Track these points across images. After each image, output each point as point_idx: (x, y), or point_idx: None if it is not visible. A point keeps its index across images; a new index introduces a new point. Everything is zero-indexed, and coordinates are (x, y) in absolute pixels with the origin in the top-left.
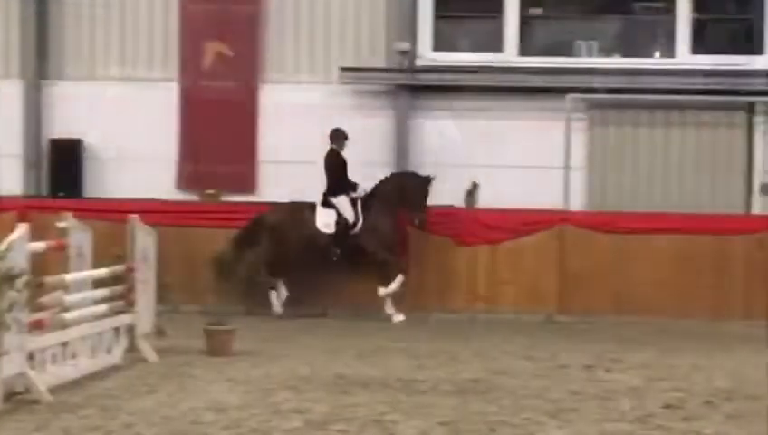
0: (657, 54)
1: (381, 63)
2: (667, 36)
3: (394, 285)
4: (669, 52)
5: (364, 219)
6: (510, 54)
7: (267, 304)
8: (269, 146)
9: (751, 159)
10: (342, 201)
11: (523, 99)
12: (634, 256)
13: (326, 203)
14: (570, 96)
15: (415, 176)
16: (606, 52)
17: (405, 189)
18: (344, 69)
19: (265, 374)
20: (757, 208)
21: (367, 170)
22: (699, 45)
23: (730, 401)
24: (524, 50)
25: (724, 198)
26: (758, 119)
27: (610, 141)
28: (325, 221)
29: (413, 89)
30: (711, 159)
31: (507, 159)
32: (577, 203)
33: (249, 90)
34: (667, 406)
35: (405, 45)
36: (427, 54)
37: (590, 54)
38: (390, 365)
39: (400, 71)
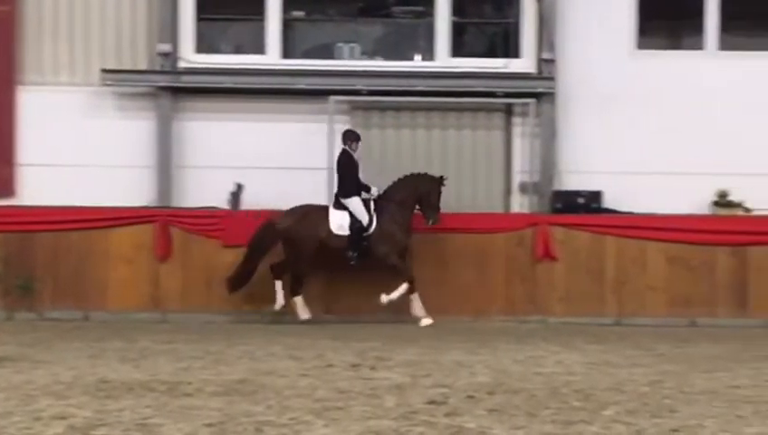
0: (418, 57)
1: (143, 65)
2: (427, 39)
3: (396, 294)
4: (429, 55)
5: (378, 222)
6: (272, 57)
7: (33, 307)
8: (29, 149)
9: (509, 160)
10: (355, 203)
11: (286, 101)
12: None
13: (338, 205)
14: (332, 98)
15: (429, 178)
16: (368, 54)
17: (420, 192)
18: (105, 71)
19: (27, 380)
20: (516, 207)
21: (132, 173)
22: (459, 48)
23: (492, 395)
24: (287, 52)
25: (484, 198)
26: (516, 120)
27: (373, 143)
28: (339, 223)
29: (175, 91)
30: (471, 160)
31: (271, 160)
32: None
33: (6, 92)
34: (431, 402)
35: (166, 47)
36: (189, 56)
37: (351, 57)
38: (156, 368)
39: (162, 73)
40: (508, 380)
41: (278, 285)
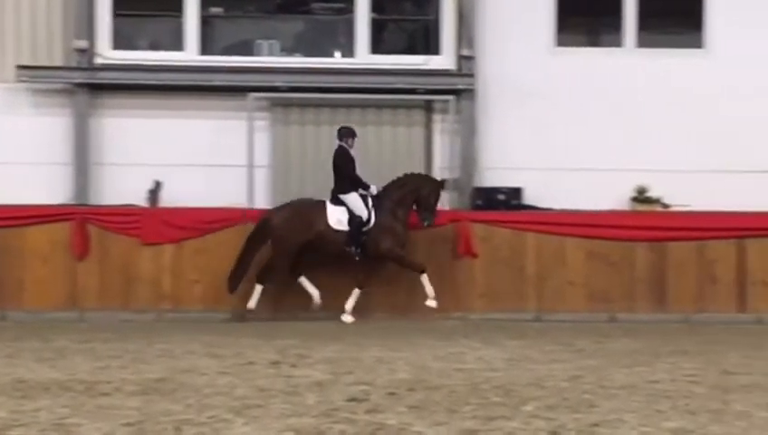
0: (338, 54)
1: (59, 62)
2: (346, 36)
3: (428, 288)
4: (349, 51)
5: (377, 218)
6: (190, 53)
7: None
8: None
9: (430, 156)
10: (353, 199)
11: (204, 98)
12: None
13: (336, 200)
14: (252, 95)
15: (431, 180)
16: (287, 51)
17: (420, 191)
18: (21, 67)
19: None
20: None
21: (48, 170)
22: (378, 45)
23: (412, 391)
24: (205, 49)
25: None
26: (436, 117)
27: (293, 140)
28: (338, 218)
29: (92, 87)
30: (392, 157)
31: (190, 157)
32: (261, 201)
33: None
34: (352, 399)
35: (83, 43)
36: (106, 53)
37: (271, 54)
38: (73, 367)
39: (79, 69)
40: (429, 376)
41: (304, 280)
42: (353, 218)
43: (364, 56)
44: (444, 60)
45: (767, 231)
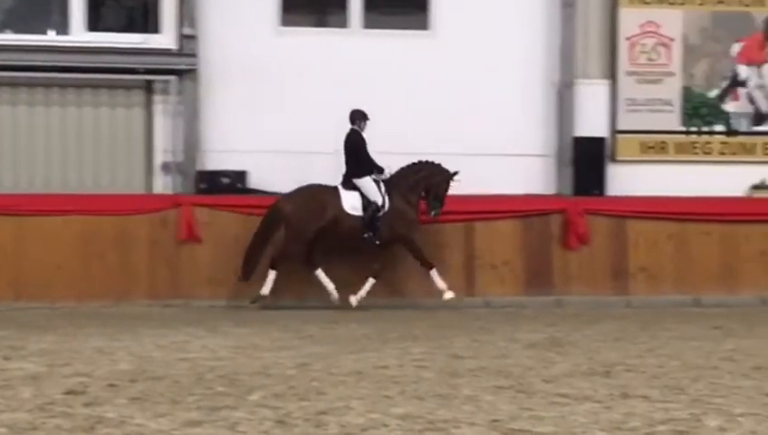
0: (52, 32)
1: None
2: (61, 13)
3: (439, 280)
4: (64, 29)
5: (391, 202)
6: None
7: None
8: None
9: (151, 139)
10: (367, 183)
11: None
12: (33, 240)
13: (348, 185)
14: None
15: (442, 170)
16: None
17: (431, 181)
18: None
19: None
20: (159, 188)
21: None
22: (95, 23)
23: (134, 383)
24: None
25: (124, 178)
26: (157, 97)
27: (5, 121)
28: (352, 203)
29: None
30: (110, 139)
31: None
32: None
33: None
34: (70, 392)
35: None
36: None
37: None
38: None
39: None
40: (151, 366)
41: (320, 274)
42: (368, 204)
43: (80, 34)
44: (164, 39)
45: (494, 214)
